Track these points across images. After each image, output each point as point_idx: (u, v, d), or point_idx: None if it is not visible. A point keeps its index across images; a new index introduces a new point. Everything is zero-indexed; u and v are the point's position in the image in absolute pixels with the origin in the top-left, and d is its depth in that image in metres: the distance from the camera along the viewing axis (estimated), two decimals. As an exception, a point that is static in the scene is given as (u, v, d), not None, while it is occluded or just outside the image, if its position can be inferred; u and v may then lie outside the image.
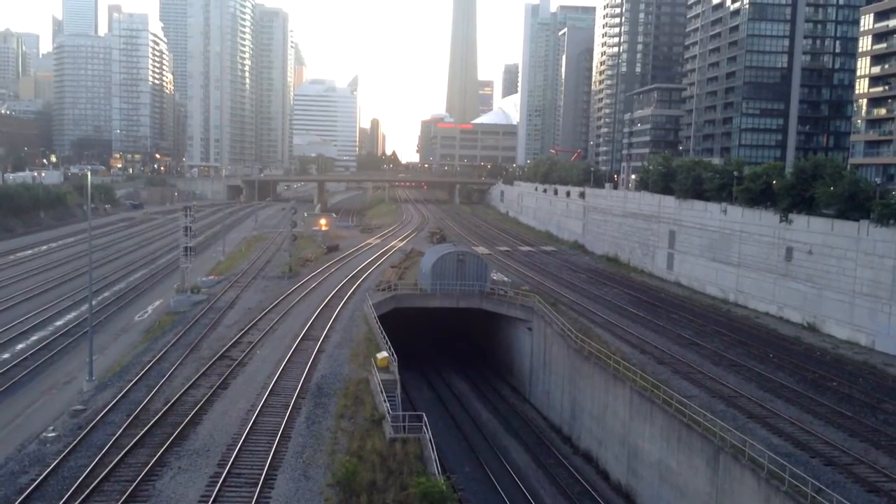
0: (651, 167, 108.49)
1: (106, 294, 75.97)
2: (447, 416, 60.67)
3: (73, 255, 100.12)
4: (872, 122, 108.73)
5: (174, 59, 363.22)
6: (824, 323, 62.80)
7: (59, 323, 62.90)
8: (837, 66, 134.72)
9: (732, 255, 77.46)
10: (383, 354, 46.80)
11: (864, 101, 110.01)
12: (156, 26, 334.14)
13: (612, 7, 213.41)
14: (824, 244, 63.57)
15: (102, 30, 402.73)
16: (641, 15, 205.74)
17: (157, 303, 71.61)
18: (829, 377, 48.70)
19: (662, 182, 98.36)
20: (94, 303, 56.94)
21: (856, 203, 62.82)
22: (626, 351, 54.07)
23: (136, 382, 43.43)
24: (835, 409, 42.41)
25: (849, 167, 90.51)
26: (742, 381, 47.63)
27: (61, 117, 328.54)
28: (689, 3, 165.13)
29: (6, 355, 52.82)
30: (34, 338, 57.86)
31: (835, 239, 62.44)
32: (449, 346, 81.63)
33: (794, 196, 69.71)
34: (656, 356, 53.28)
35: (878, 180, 79.42)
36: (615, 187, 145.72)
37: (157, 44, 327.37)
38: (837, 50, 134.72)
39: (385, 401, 39.65)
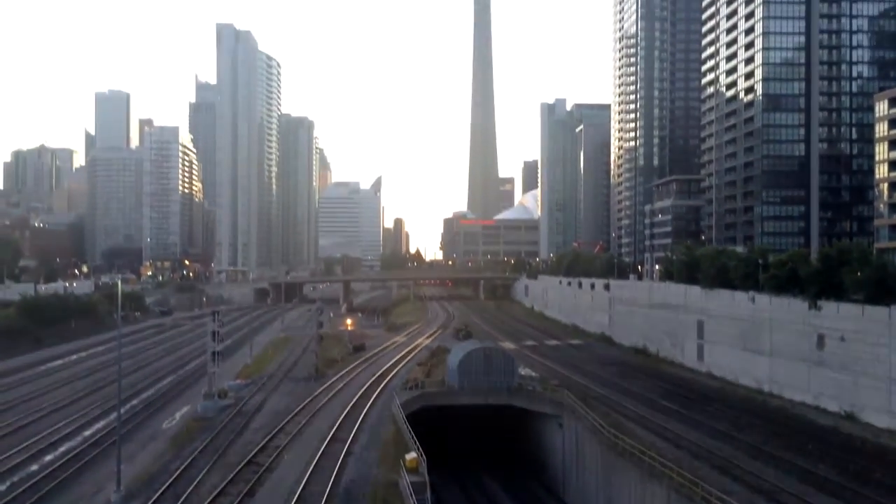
0: (675, 257, 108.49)
1: (134, 402, 76.02)
2: (479, 518, 59.03)
3: (102, 364, 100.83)
4: (895, 207, 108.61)
5: (203, 167, 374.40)
6: (862, 411, 61.09)
7: (87, 433, 62.82)
8: (855, 152, 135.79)
9: (763, 343, 76.30)
10: (412, 455, 46.12)
11: (885, 185, 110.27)
12: (185, 137, 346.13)
13: (627, 103, 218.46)
14: (856, 330, 62.58)
15: (134, 142, 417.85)
16: (656, 110, 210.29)
17: (185, 409, 71.46)
18: (872, 468, 47.09)
19: (687, 272, 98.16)
20: (122, 411, 57.04)
21: (885, 288, 62.19)
22: (660, 446, 52.80)
23: (163, 492, 43.01)
24: (879, 502, 40.84)
25: (874, 252, 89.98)
26: (782, 474, 46.18)
27: (93, 228, 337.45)
28: (702, 96, 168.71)
29: (34, 467, 52.64)
30: (62, 448, 57.71)
31: (866, 325, 61.50)
32: (479, 444, 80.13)
33: (822, 282, 69.20)
34: (692, 451, 51.96)
35: (905, 264, 78.60)
36: (639, 278, 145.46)
37: (187, 154, 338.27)
38: (854, 136, 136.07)
39: (415, 504, 38.87)
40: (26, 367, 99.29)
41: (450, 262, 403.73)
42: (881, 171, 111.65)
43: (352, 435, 54.90)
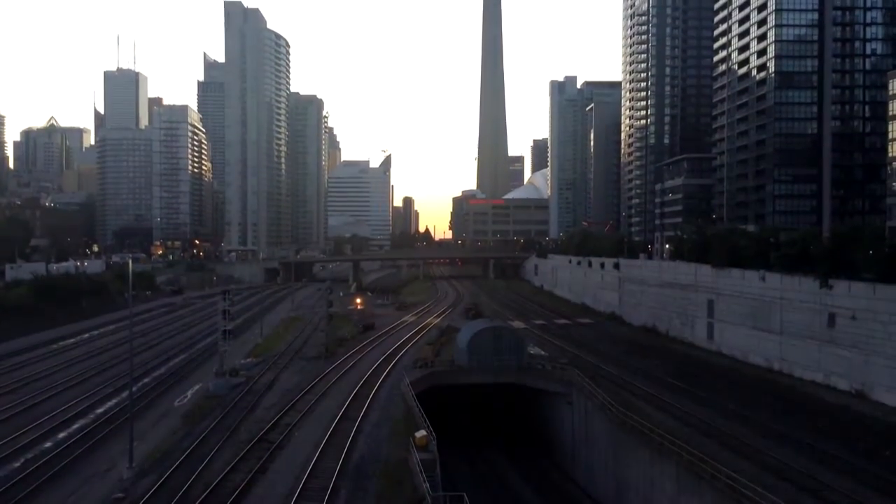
0: (685, 236, 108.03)
1: (146, 380, 76.64)
2: (488, 495, 59.40)
3: (114, 342, 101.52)
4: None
5: (212, 147, 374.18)
6: (872, 390, 60.99)
7: (99, 410, 63.42)
8: (868, 130, 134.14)
9: (774, 322, 76.10)
10: (422, 433, 46.35)
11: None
12: (194, 116, 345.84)
13: (638, 82, 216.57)
14: (868, 309, 62.30)
15: (143, 121, 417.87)
16: (667, 88, 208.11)
17: (197, 387, 71.98)
18: (882, 446, 47.04)
19: (697, 251, 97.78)
20: (134, 389, 57.47)
21: (897, 266, 61.82)
22: (669, 424, 52.86)
23: (175, 468, 43.45)
24: (889, 479, 40.84)
25: (887, 230, 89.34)
26: (791, 452, 46.20)
27: (103, 208, 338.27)
28: (714, 74, 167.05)
29: (48, 444, 53.24)
30: (76, 426, 58.32)
31: (878, 303, 61.20)
32: (488, 422, 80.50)
33: (833, 261, 68.82)
34: (701, 429, 52.03)
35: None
36: (649, 257, 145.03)
37: (196, 133, 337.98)
38: (867, 114, 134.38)
39: (424, 481, 39.10)
40: (39, 345, 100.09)
41: (459, 242, 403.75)
42: (894, 149, 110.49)
43: (362, 413, 55.25)
